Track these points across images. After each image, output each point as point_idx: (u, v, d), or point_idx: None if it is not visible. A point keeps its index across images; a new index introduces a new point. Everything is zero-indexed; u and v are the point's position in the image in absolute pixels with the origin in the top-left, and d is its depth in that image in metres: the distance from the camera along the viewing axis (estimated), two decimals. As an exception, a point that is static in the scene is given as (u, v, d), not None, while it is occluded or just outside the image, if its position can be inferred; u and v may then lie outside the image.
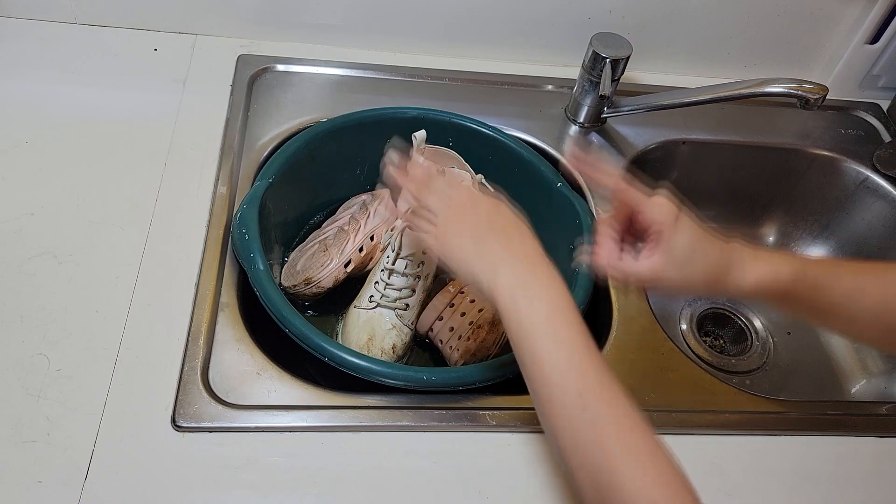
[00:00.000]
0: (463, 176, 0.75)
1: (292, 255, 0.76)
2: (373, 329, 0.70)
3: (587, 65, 0.84)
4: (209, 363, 0.61)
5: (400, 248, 0.70)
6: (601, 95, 0.82)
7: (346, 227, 0.76)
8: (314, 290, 0.72)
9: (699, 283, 0.52)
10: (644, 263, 0.51)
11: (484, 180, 0.78)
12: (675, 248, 0.50)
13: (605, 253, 0.53)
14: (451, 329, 0.71)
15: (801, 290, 0.53)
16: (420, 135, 0.75)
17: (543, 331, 0.46)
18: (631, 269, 0.52)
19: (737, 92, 0.77)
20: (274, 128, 0.81)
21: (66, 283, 0.64)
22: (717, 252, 0.52)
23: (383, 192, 0.81)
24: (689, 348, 0.91)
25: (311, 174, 0.78)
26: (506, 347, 0.70)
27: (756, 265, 0.52)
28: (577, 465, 0.43)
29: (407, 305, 0.72)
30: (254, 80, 0.87)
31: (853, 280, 0.53)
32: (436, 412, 0.60)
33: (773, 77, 0.75)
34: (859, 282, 0.53)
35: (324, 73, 0.89)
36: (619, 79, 0.83)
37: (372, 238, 0.76)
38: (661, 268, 0.51)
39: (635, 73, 0.98)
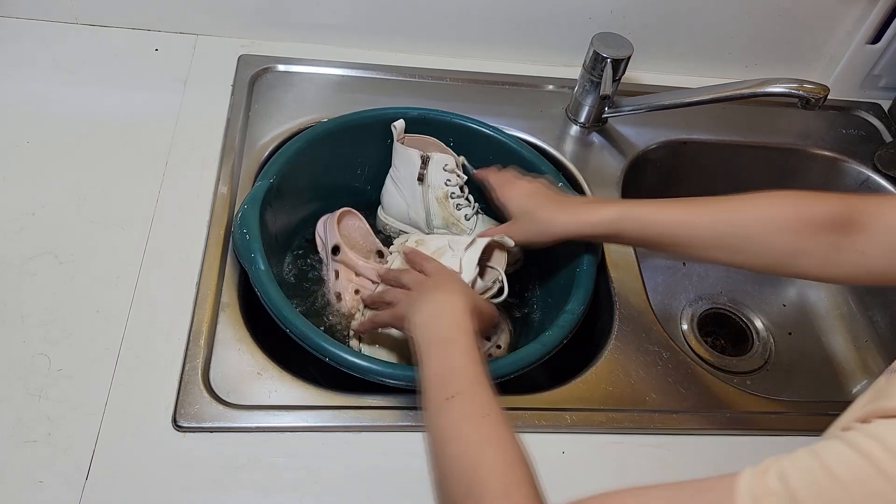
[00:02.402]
0: (445, 159, 0.76)
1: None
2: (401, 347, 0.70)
3: (588, 65, 0.84)
4: (210, 363, 0.61)
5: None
6: (602, 95, 0.82)
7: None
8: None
9: (535, 232, 0.66)
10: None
11: (466, 162, 0.78)
12: (510, 205, 0.68)
13: None
14: None
15: (627, 227, 0.62)
16: (399, 124, 0.77)
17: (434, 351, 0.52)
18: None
19: (738, 92, 0.77)
20: (275, 128, 0.81)
21: (67, 282, 0.64)
22: (545, 204, 0.66)
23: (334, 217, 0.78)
24: (690, 348, 0.91)
25: (312, 174, 0.78)
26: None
27: (580, 210, 0.64)
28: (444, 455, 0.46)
29: None
30: (255, 80, 0.87)
31: (681, 213, 0.60)
32: (436, 412, 0.60)
33: (775, 77, 0.75)
34: (687, 213, 0.59)
35: (324, 73, 0.89)
36: (620, 79, 0.83)
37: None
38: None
39: (636, 74, 0.97)
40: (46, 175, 0.73)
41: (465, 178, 0.78)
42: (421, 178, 0.77)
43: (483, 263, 0.67)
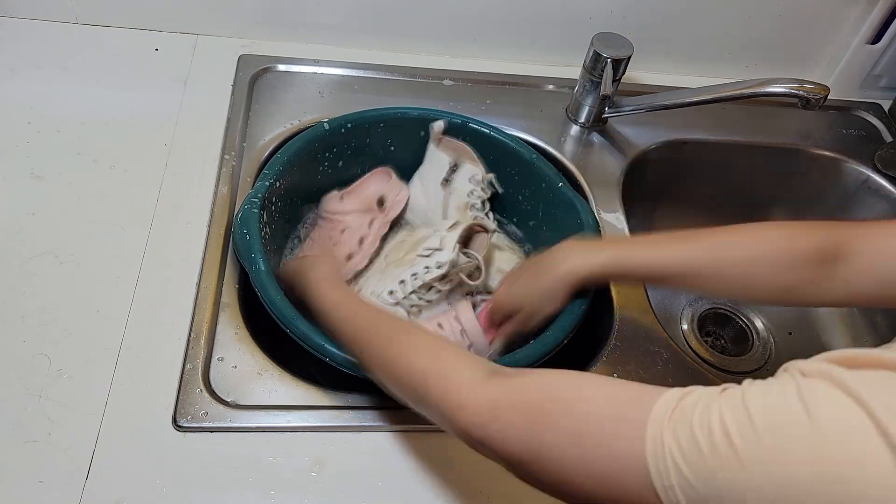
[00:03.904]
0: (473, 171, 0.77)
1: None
2: None
3: (588, 65, 0.84)
4: (210, 363, 0.61)
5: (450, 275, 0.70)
6: (602, 95, 0.82)
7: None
8: None
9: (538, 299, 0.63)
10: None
11: (494, 180, 0.78)
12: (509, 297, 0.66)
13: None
14: None
15: (622, 271, 0.61)
16: (437, 125, 0.77)
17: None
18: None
19: (738, 92, 0.77)
20: (275, 128, 0.81)
21: (67, 282, 0.64)
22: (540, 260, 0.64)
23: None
24: (691, 348, 0.91)
25: (313, 174, 0.78)
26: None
27: (572, 258, 0.62)
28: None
29: (420, 310, 0.72)
30: (255, 79, 0.87)
31: (679, 254, 0.59)
32: (436, 412, 0.60)
33: (775, 77, 0.75)
34: (686, 253, 0.59)
35: (325, 73, 0.89)
36: (620, 79, 0.83)
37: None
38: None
39: (636, 73, 0.97)
40: (46, 175, 0.73)
41: (489, 194, 0.79)
42: (445, 183, 0.77)
43: (465, 245, 0.71)
